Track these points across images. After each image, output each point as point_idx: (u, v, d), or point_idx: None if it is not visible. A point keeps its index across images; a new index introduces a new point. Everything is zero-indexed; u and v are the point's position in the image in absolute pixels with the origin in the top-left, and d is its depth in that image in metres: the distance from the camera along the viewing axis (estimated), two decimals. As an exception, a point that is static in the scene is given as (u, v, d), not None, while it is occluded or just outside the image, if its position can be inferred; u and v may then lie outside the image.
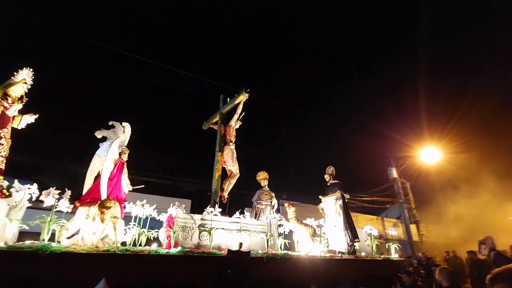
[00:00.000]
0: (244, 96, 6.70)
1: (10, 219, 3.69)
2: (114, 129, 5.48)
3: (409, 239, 16.82)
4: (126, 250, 4.02)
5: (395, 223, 18.63)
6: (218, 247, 5.15)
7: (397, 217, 18.62)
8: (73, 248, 3.74)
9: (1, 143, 4.00)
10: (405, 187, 17.58)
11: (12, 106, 4.18)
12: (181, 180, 13.64)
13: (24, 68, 4.45)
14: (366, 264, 7.18)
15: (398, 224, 18.35)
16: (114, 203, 4.37)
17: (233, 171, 6.75)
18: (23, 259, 3.37)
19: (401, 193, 17.22)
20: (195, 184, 14.17)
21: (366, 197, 16.45)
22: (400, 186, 17.11)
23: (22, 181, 3.98)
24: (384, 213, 20.46)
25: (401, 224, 17.81)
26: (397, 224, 18.41)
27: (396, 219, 18.82)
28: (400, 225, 17.92)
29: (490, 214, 16.30)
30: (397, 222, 18.59)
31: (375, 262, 7.57)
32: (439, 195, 19.01)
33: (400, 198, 17.14)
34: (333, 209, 7.52)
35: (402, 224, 17.76)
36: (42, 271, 3.38)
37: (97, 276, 3.52)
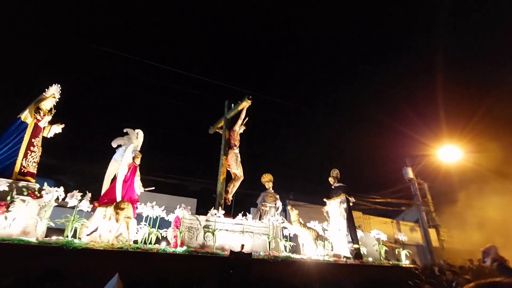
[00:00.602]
0: (247, 102, 7.00)
1: (40, 217, 4.28)
2: (128, 135, 6.01)
3: (428, 245, 16.15)
4: (137, 248, 4.48)
5: (412, 227, 17.92)
6: (222, 248, 5.49)
7: (415, 221, 17.86)
8: (92, 244, 4.25)
9: (34, 151, 4.64)
10: (422, 188, 16.78)
11: (44, 118, 4.81)
12: (186, 180, 14.16)
13: (54, 84, 5.08)
14: (373, 270, 7.12)
15: (415, 228, 17.65)
16: (128, 205, 4.86)
17: (237, 174, 7.07)
18: (51, 253, 3.91)
19: (418, 194, 16.47)
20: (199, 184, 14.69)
21: (379, 199, 15.96)
22: (417, 188, 16.40)
23: (44, 180, 4.57)
24: (400, 216, 19.71)
25: (418, 228, 17.16)
26: (414, 228, 17.72)
27: (414, 223, 18.08)
28: (418, 229, 17.26)
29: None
30: (414, 226, 17.87)
31: (383, 268, 7.49)
32: (462, 197, 17.82)
33: (417, 200, 16.43)
34: (337, 213, 7.58)
35: (420, 228, 17.10)
36: (66, 264, 3.90)
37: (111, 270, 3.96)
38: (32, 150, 4.60)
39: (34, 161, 4.64)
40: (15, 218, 4.02)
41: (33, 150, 4.62)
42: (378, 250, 8.18)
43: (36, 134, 4.70)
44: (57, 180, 11.15)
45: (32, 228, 4.19)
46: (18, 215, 4.06)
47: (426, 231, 16.50)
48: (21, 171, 4.42)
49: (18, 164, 4.39)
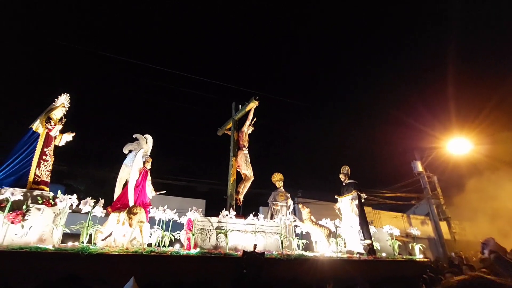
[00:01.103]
0: (254, 103, 6.94)
1: (55, 224, 4.30)
2: (138, 141, 6.02)
3: (440, 238, 15.80)
4: (152, 251, 4.46)
5: (423, 220, 17.60)
6: (235, 248, 5.43)
7: (426, 214, 17.51)
8: (107, 249, 4.25)
9: (47, 160, 4.67)
10: (432, 181, 16.40)
11: (54, 128, 4.84)
12: (193, 181, 14.14)
13: (63, 94, 5.11)
14: (387, 266, 6.98)
15: (426, 221, 17.32)
16: (140, 209, 4.85)
17: (248, 175, 7.01)
18: (67, 259, 3.92)
19: (428, 187, 16.11)
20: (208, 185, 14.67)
21: (388, 193, 15.69)
22: (427, 181, 16.05)
23: (54, 185, 4.60)
24: (411, 210, 19.37)
25: (429, 222, 16.82)
26: (425, 221, 17.39)
27: (425, 216, 17.75)
28: (429, 223, 16.92)
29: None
30: (425, 219, 17.55)
31: (397, 263, 7.34)
32: (472, 189, 17.38)
33: (427, 193, 16.08)
34: (349, 209, 7.45)
35: (431, 222, 16.75)
36: (82, 269, 3.90)
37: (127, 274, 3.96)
38: (45, 159, 4.63)
39: (47, 170, 4.67)
40: (31, 226, 4.04)
41: (46, 159, 4.65)
42: (392, 245, 8.01)
43: (48, 144, 4.73)
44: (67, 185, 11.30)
45: (48, 235, 4.21)
46: (34, 223, 4.08)
47: (437, 224, 16.14)
48: (35, 180, 4.45)
49: (32, 174, 4.43)
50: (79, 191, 4.59)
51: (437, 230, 15.98)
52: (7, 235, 3.85)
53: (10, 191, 3.91)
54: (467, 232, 17.80)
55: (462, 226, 17.64)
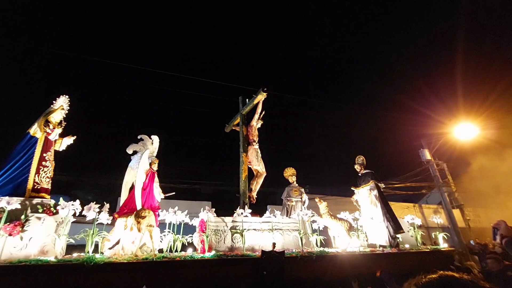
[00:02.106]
0: (262, 95, 6.44)
1: (58, 234, 3.84)
2: (143, 141, 5.56)
3: (454, 226, 15.01)
4: (163, 257, 3.98)
5: (435, 209, 16.81)
6: (252, 249, 4.92)
7: (438, 203, 16.74)
8: (115, 258, 3.77)
9: (47, 165, 4.23)
10: (441, 169, 15.53)
11: (53, 131, 4.41)
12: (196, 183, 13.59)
13: (61, 96, 4.69)
14: (412, 257, 6.42)
15: (439, 210, 16.53)
16: (149, 212, 4.37)
17: (259, 171, 6.50)
18: (71, 271, 3.46)
19: (438, 175, 15.29)
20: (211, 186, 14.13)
21: (398, 184, 14.97)
22: (436, 169, 15.25)
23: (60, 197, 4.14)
24: (423, 200, 18.62)
25: (442, 210, 16.03)
26: (438, 210, 16.60)
27: (437, 205, 16.97)
28: (442, 211, 16.13)
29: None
30: (438, 208, 16.76)
31: (422, 254, 6.75)
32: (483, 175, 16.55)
33: (437, 181, 15.31)
34: (367, 201, 6.89)
35: (443, 210, 15.98)
36: (88, 280, 3.44)
37: (138, 283, 3.51)
38: (44, 165, 4.19)
39: (47, 176, 4.23)
40: (31, 237, 3.59)
41: (45, 165, 4.21)
42: (414, 235, 7.43)
43: (47, 148, 4.30)
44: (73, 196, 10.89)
45: (50, 246, 3.75)
46: (34, 234, 3.63)
47: (450, 212, 15.33)
48: (34, 187, 4.00)
49: (30, 181, 3.98)
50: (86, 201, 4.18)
51: (451, 218, 15.21)
52: (5, 248, 3.41)
53: (6, 200, 3.47)
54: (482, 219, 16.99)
55: (476, 212, 16.85)
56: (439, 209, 16.72)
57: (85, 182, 12.29)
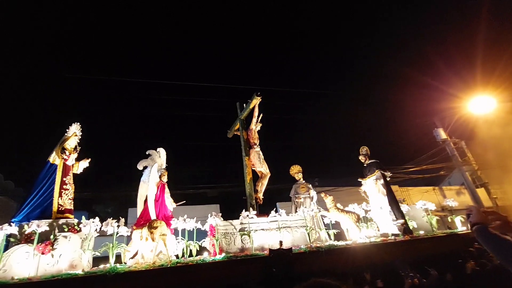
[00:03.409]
0: (257, 99, 6.54)
1: (83, 249, 4.19)
2: (151, 156, 5.87)
3: (479, 207, 14.09)
4: (178, 263, 4.20)
5: (458, 190, 15.85)
6: (261, 248, 5.03)
7: (461, 184, 15.74)
8: (134, 267, 4.06)
9: (67, 188, 4.63)
10: (459, 147, 14.31)
11: (70, 157, 4.81)
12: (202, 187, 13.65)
13: (73, 124, 5.09)
14: (426, 243, 6.17)
15: (462, 191, 15.57)
16: (160, 222, 4.63)
17: (263, 172, 6.60)
18: (97, 281, 3.77)
19: (457, 154, 14.19)
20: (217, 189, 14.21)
21: (413, 168, 14.22)
22: (453, 147, 14.24)
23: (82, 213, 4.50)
24: (445, 181, 17.58)
25: (466, 191, 15.11)
26: (461, 191, 15.64)
27: (460, 186, 16.00)
28: (466, 192, 15.20)
29: None
30: (460, 189, 15.79)
31: (437, 240, 6.46)
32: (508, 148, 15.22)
33: (456, 161, 14.30)
34: (375, 190, 6.74)
35: (467, 190, 15.04)
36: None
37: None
38: (66, 188, 4.60)
39: (69, 198, 4.63)
40: (61, 254, 3.97)
41: (67, 188, 4.61)
42: (428, 221, 7.16)
43: (66, 173, 4.71)
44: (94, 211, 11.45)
45: (78, 260, 4.11)
46: (63, 251, 4.00)
47: (473, 192, 14.36)
48: (59, 209, 4.41)
49: (55, 204, 4.39)
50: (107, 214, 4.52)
51: (475, 198, 14.28)
52: (40, 266, 3.79)
53: (36, 224, 3.86)
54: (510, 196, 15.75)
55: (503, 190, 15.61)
56: (462, 190, 15.76)
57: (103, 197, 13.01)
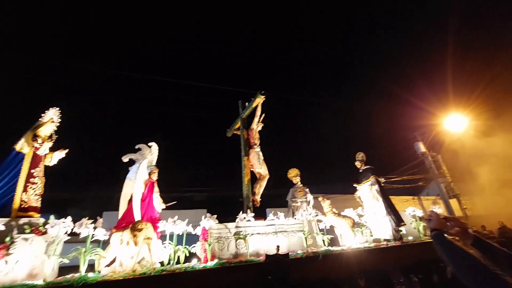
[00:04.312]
0: (260, 98, 6.17)
1: (48, 255, 3.38)
2: (141, 151, 5.17)
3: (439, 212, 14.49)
4: (163, 271, 3.52)
5: (434, 200, 16.37)
6: (257, 253, 4.47)
7: (438, 194, 16.30)
8: (110, 275, 3.32)
9: (35, 182, 3.81)
10: (436, 160, 15.11)
11: (42, 146, 4.01)
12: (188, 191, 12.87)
13: (51, 108, 4.31)
14: (416, 249, 6.02)
15: (437, 201, 16.06)
16: (146, 225, 3.94)
17: (262, 173, 6.12)
18: (62, 294, 3.01)
19: (433, 167, 14.92)
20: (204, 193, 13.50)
21: (395, 178, 14.54)
22: (431, 160, 14.88)
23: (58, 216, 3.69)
24: (424, 192, 18.20)
25: (441, 201, 15.57)
26: (436, 201, 16.13)
27: (436, 196, 16.53)
28: (441, 202, 15.67)
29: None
30: (436, 199, 16.32)
31: (425, 245, 6.33)
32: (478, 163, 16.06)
33: (433, 172, 14.89)
34: (369, 196, 6.49)
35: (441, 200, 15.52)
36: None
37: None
38: (33, 182, 3.78)
39: (36, 193, 3.80)
40: (17, 260, 3.14)
41: (34, 182, 3.79)
42: (416, 227, 7.02)
43: (35, 164, 3.89)
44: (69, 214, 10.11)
45: (40, 268, 3.29)
46: (21, 257, 3.18)
47: (447, 202, 14.91)
48: (21, 206, 3.57)
49: (17, 200, 3.56)
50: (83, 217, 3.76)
51: (448, 208, 14.74)
52: (-11, 275, 2.95)
53: (-12, 222, 3.04)
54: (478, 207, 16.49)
55: (472, 201, 16.33)
56: (437, 200, 16.26)
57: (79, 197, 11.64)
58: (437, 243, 1.16)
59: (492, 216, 13.58)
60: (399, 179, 14.89)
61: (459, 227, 1.29)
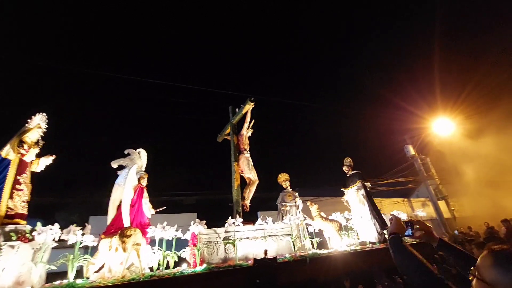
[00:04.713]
0: (250, 105, 6.30)
1: (35, 262, 3.38)
2: (130, 156, 5.19)
3: (440, 217, 14.88)
4: (152, 276, 3.57)
5: (423, 202, 16.77)
6: (246, 258, 4.56)
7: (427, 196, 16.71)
8: (99, 282, 3.35)
9: (21, 189, 3.80)
10: (425, 163, 15.48)
11: (29, 152, 3.99)
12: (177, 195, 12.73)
13: (37, 114, 4.30)
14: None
15: (427, 203, 16.47)
16: (135, 230, 3.97)
17: (252, 178, 6.22)
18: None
19: (423, 169, 15.30)
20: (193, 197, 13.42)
21: (385, 180, 14.85)
22: (420, 163, 15.26)
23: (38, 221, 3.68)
24: (414, 194, 18.59)
25: (430, 203, 15.98)
26: (425, 203, 16.55)
27: (425, 198, 16.93)
28: (430, 204, 16.07)
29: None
30: (425, 201, 16.71)
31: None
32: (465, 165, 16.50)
33: (422, 175, 15.27)
34: (356, 200, 6.68)
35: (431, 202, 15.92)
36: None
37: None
38: (19, 189, 3.76)
39: (23, 200, 3.78)
40: (4, 268, 3.14)
41: (20, 188, 3.77)
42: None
43: (22, 170, 3.87)
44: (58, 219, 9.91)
45: (27, 276, 3.29)
46: (7, 264, 3.17)
47: (435, 204, 15.27)
48: (7, 214, 3.55)
49: (2, 207, 3.53)
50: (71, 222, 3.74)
51: (437, 210, 15.13)
52: (-27, 284, 2.95)
53: (-28, 230, 3.03)
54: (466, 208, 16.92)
55: (460, 203, 16.79)
56: (427, 202, 16.66)
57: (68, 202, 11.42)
58: (392, 247, 1.21)
59: (479, 217, 13.95)
60: (389, 181, 15.22)
61: (424, 230, 1.36)
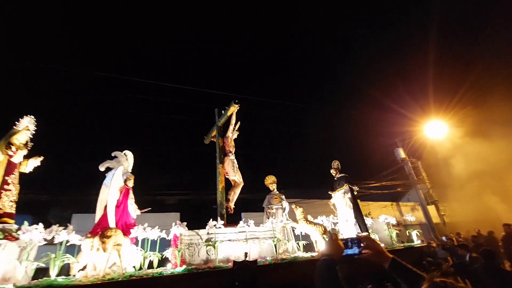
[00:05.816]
0: (235, 107, 6.41)
1: (21, 260, 3.53)
2: (117, 158, 5.34)
3: (429, 222, 14.94)
4: (131, 276, 3.72)
5: (412, 206, 16.89)
6: (227, 260, 4.70)
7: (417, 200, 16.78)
8: (79, 281, 3.50)
9: (9, 189, 3.94)
10: (416, 167, 15.31)
11: (17, 153, 4.13)
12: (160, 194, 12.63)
13: (25, 116, 4.43)
14: (388, 256, 6.35)
15: (416, 207, 16.60)
16: (115, 231, 4.12)
17: (236, 181, 6.35)
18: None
19: (413, 173, 15.21)
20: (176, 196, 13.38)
21: (373, 183, 14.90)
22: (411, 166, 15.27)
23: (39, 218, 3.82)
24: (405, 198, 18.62)
25: (419, 207, 16.11)
26: (415, 207, 16.68)
27: (414, 202, 17.04)
28: (419, 208, 16.19)
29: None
30: (415, 205, 16.83)
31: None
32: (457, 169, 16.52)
33: (412, 179, 15.24)
34: (343, 203, 6.83)
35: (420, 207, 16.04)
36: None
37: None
38: (7, 189, 3.90)
39: (11, 200, 3.92)
40: (-11, 265, 3.28)
41: (8, 189, 3.91)
42: (389, 234, 7.41)
43: (10, 171, 4.01)
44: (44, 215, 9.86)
45: (12, 272, 3.43)
46: (-7, 262, 3.31)
47: (425, 209, 15.29)
48: (-5, 213, 3.69)
49: (-10, 206, 3.68)
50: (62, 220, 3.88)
51: (426, 215, 15.21)
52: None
53: (-42, 229, 3.17)
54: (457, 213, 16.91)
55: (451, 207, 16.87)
56: (416, 206, 16.78)
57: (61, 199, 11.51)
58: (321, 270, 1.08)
59: (470, 222, 13.79)
60: (378, 184, 15.28)
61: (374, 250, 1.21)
